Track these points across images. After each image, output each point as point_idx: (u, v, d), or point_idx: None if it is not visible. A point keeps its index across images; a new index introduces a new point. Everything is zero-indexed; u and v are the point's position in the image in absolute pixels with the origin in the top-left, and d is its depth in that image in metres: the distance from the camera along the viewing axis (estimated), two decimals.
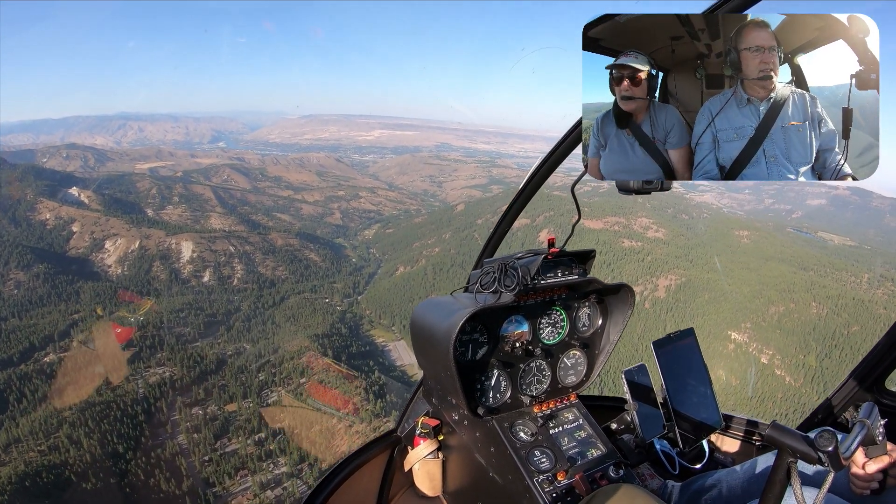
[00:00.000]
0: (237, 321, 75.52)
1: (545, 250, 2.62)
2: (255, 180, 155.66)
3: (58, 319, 70.13)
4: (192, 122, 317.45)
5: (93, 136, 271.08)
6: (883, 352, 2.81)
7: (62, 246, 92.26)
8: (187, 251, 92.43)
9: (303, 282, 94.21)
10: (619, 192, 1.75)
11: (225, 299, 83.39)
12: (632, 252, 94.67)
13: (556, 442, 2.61)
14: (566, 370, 3.00)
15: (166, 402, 54.55)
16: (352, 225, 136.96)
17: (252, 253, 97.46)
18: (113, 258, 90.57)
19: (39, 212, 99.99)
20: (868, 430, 1.78)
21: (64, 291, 77.49)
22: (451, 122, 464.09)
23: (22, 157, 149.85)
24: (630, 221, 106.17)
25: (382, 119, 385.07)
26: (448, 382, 2.51)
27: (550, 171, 2.81)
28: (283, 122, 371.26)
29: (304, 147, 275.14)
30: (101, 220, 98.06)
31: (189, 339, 67.85)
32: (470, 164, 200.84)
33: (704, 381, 2.71)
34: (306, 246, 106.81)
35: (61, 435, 46.96)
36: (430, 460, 2.99)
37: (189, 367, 60.48)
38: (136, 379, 57.42)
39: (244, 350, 66.79)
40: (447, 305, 2.62)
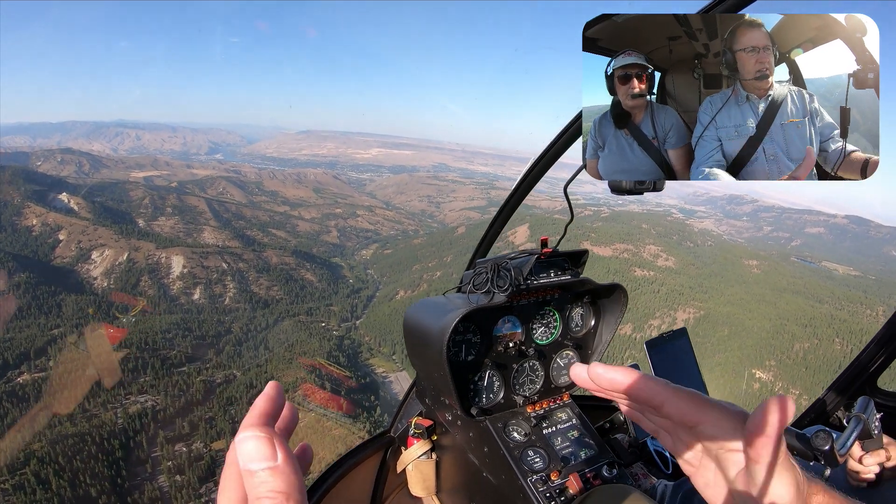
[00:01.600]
0: (227, 345, 70.90)
1: (538, 251, 2.54)
2: (252, 194, 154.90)
3: (35, 334, 65.86)
4: (189, 133, 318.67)
5: (90, 142, 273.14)
6: (874, 352, 2.92)
7: (47, 254, 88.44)
8: (178, 266, 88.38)
9: (298, 303, 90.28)
10: (612, 192, 1.67)
11: (215, 320, 78.94)
12: (645, 282, 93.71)
13: (549, 442, 2.54)
14: (559, 370, 2.88)
15: (147, 437, 49.56)
16: (349, 244, 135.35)
17: (246, 271, 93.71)
18: (99, 270, 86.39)
19: (26, 217, 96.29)
20: (864, 425, 1.85)
21: (45, 304, 73.29)
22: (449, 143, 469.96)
23: (16, 159, 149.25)
24: (638, 248, 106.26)
25: (380, 137, 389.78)
26: (441, 383, 2.48)
27: (542, 173, 2.85)
28: (280, 137, 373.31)
29: (301, 162, 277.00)
30: (88, 228, 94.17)
31: (175, 362, 62.97)
32: (468, 186, 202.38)
33: (697, 381, 2.86)
34: (302, 265, 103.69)
35: (28, 472, 41.98)
36: (423, 461, 2.94)
37: (174, 395, 55.67)
38: (115, 407, 52.60)
39: (234, 378, 61.89)
40: (440, 306, 2.56)
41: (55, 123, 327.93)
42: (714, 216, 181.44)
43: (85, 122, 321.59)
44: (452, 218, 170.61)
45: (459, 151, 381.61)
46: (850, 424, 1.80)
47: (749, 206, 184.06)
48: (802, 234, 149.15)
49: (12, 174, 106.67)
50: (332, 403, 58.31)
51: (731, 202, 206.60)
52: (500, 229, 3.27)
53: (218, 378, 61.58)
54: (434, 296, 2.82)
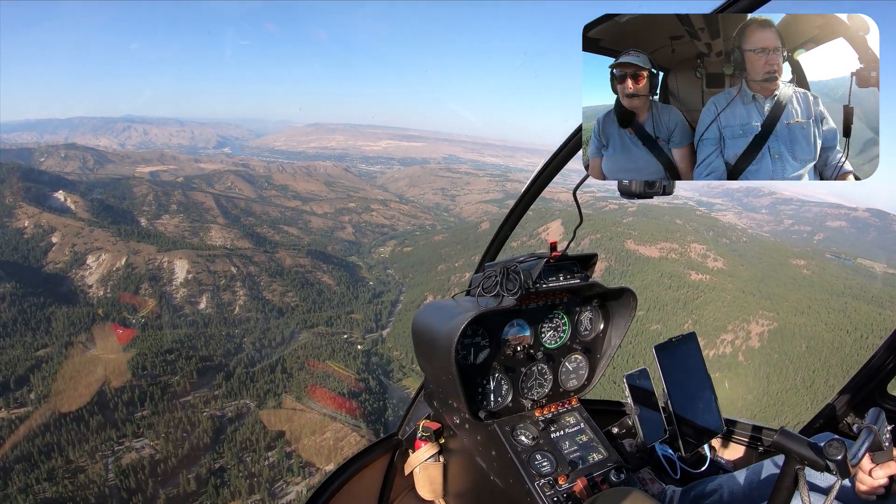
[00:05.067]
0: (238, 366, 61.29)
1: (547, 254, 2.62)
2: (261, 188, 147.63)
3: (19, 356, 57.07)
4: (197, 127, 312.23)
5: (97, 138, 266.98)
6: (885, 357, 2.87)
7: (38, 260, 79.62)
8: (181, 271, 79.01)
9: (316, 311, 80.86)
10: (621, 195, 1.76)
11: (224, 334, 69.50)
12: (705, 288, 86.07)
13: (557, 446, 2.62)
14: (568, 374, 2.99)
15: (144, 499, 40.04)
16: (365, 241, 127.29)
17: (257, 275, 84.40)
18: (94, 277, 77.37)
19: (17, 218, 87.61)
20: (875, 437, 1.82)
21: (32, 318, 64.47)
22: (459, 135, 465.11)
23: (19, 155, 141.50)
24: (683, 248, 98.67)
25: (389, 129, 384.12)
26: (449, 386, 2.52)
27: (552, 177, 2.83)
28: (288, 130, 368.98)
29: (310, 155, 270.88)
30: (84, 230, 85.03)
31: (178, 391, 53.46)
32: (482, 178, 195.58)
33: (706, 386, 2.79)
34: (318, 266, 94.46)
35: None
36: (430, 464, 2.96)
37: (176, 439, 46.09)
38: (105, 456, 43.27)
39: (248, 410, 52.46)
40: (449, 309, 2.61)
41: (62, 120, 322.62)
42: (733, 209, 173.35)
43: (92, 118, 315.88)
44: (470, 212, 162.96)
45: (469, 143, 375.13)
46: (861, 436, 1.75)
47: (767, 199, 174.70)
48: (824, 227, 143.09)
49: (7, 171, 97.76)
50: (339, 406, 55.93)
51: (749, 194, 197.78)
52: (510, 232, 3.22)
53: (229, 411, 52.11)
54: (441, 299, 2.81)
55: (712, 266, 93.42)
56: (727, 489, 2.68)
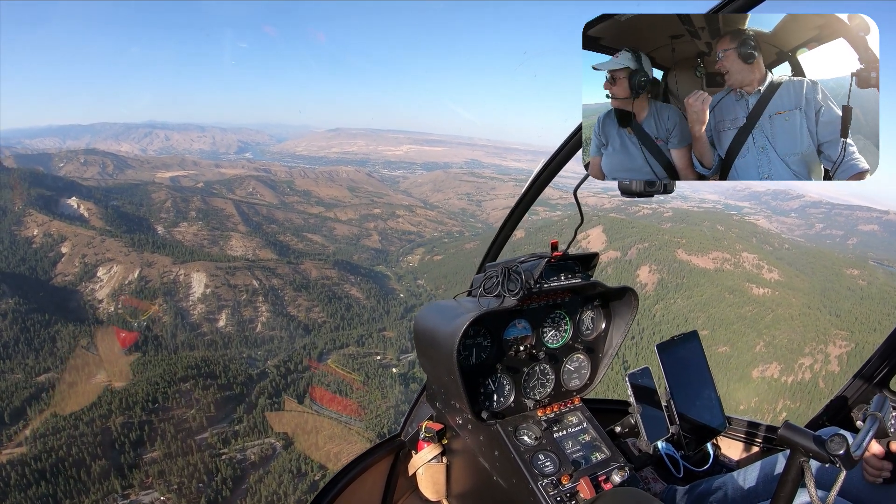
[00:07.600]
0: (262, 396, 54.13)
1: (548, 254, 2.61)
2: (283, 194, 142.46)
3: (19, 382, 50.71)
4: (218, 132, 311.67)
5: (118, 143, 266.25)
6: (889, 351, 2.88)
7: (46, 272, 74.14)
8: (199, 285, 72.41)
9: (345, 328, 73.55)
10: (622, 195, 1.76)
11: (245, 357, 62.48)
12: (770, 303, 78.27)
13: (560, 446, 2.62)
14: (570, 374, 2.98)
15: None
16: (392, 249, 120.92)
17: (281, 288, 77.57)
18: (105, 291, 71.25)
19: (26, 226, 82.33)
20: (880, 423, 1.84)
21: (36, 337, 58.41)
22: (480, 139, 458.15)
23: (38, 160, 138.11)
24: (736, 258, 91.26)
25: (410, 134, 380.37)
26: (452, 386, 2.53)
27: (552, 176, 2.83)
28: (309, 136, 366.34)
29: (331, 161, 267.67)
30: (96, 239, 79.15)
31: (193, 428, 46.43)
32: (507, 183, 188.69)
33: (708, 384, 2.83)
34: (345, 278, 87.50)
35: None
36: (433, 464, 2.95)
37: (191, 494, 38.53)
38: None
39: (274, 452, 44.99)
40: (451, 309, 2.61)
41: (85, 125, 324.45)
42: (763, 213, 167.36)
43: (114, 124, 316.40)
44: (497, 217, 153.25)
45: (491, 147, 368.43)
46: (867, 423, 1.77)
47: (796, 202, 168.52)
48: (856, 231, 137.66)
49: (18, 177, 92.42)
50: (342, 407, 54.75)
51: (776, 197, 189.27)
52: (510, 233, 3.22)
53: (251, 453, 44.66)
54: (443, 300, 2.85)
55: (769, 278, 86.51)
56: (731, 487, 2.67)
